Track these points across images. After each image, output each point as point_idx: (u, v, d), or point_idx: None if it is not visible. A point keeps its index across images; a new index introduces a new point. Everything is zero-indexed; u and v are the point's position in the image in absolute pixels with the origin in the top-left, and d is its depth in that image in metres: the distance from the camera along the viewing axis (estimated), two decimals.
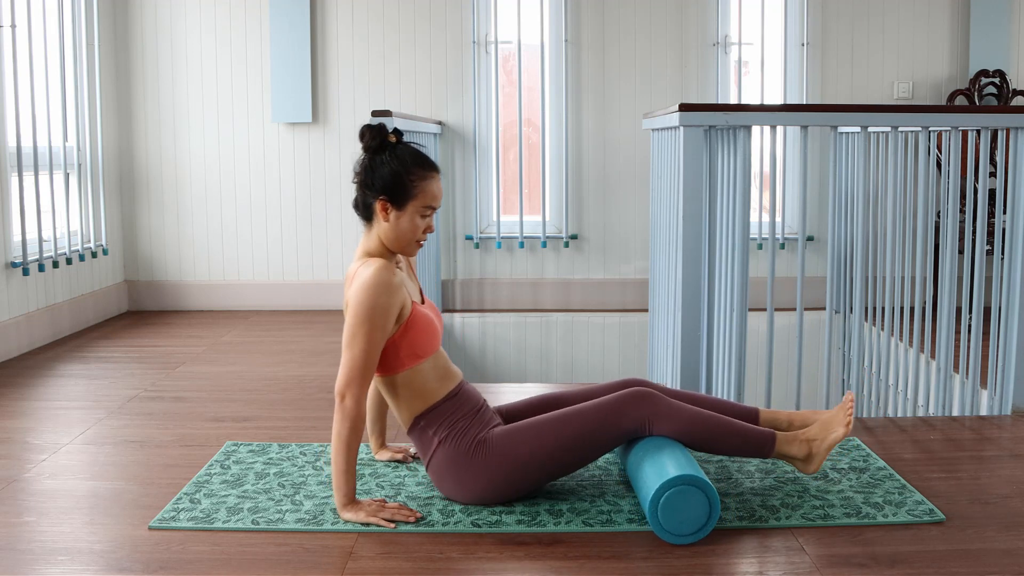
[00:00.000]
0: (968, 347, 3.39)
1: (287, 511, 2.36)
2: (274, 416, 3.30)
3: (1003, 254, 3.36)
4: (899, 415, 3.81)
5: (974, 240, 3.81)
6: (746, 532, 2.25)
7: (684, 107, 3.25)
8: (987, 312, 4.13)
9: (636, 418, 2.35)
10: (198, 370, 4.03)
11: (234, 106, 5.45)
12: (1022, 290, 3.28)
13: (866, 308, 4.48)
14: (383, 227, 2.35)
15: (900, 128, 3.61)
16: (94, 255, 5.07)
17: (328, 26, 5.43)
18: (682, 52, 5.47)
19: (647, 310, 4.73)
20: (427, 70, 5.46)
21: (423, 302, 2.47)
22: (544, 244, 5.56)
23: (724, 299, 3.38)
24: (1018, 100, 5.43)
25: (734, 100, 5.48)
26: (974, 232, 4.01)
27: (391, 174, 2.31)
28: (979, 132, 3.41)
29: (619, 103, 5.49)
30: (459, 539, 2.21)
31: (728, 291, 3.35)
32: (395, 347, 2.32)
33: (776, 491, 2.48)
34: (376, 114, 3.81)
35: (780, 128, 4.12)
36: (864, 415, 4.01)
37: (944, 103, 5.45)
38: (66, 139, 4.91)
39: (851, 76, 5.49)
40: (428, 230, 2.38)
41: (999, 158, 3.30)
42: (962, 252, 4.72)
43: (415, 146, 2.40)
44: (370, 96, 5.43)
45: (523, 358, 5.53)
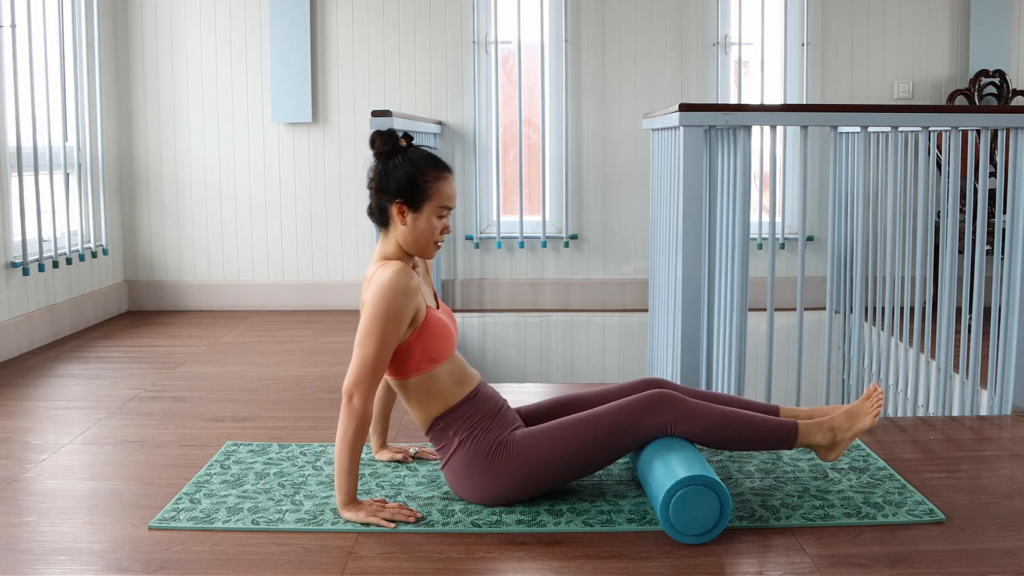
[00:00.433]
0: (968, 347, 3.39)
1: (287, 511, 2.36)
2: (274, 416, 3.30)
3: (1003, 254, 3.36)
4: (899, 415, 3.81)
5: (974, 240, 3.81)
6: (746, 532, 2.25)
7: (684, 107, 3.25)
8: (987, 312, 4.13)
9: (659, 420, 2.35)
10: (198, 370, 4.03)
11: (234, 106, 5.45)
12: (1022, 290, 3.28)
13: (866, 308, 4.48)
14: (401, 231, 2.35)
15: (900, 128, 3.61)
16: (94, 255, 5.07)
17: (328, 26, 5.43)
18: (682, 52, 5.47)
19: (647, 310, 4.72)
20: (427, 70, 5.46)
21: (438, 307, 2.47)
22: (544, 244, 5.56)
23: (724, 299, 3.38)
24: (1018, 100, 5.43)
25: (734, 100, 5.48)
26: (974, 232, 4.01)
27: (405, 177, 2.32)
28: (979, 132, 3.41)
29: (619, 103, 5.49)
30: (459, 539, 2.21)
31: (728, 291, 3.35)
32: (409, 351, 2.32)
33: (776, 491, 2.48)
34: (376, 114, 3.81)
35: (780, 128, 4.12)
36: None
37: (944, 103, 5.45)
38: (66, 139, 4.91)
39: (851, 76, 5.49)
40: (445, 231, 2.38)
41: (999, 158, 3.30)
42: (962, 252, 4.72)
43: (426, 148, 2.41)
44: (370, 96, 5.43)
45: (523, 358, 5.53)
